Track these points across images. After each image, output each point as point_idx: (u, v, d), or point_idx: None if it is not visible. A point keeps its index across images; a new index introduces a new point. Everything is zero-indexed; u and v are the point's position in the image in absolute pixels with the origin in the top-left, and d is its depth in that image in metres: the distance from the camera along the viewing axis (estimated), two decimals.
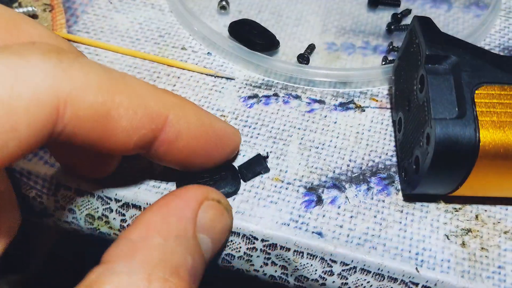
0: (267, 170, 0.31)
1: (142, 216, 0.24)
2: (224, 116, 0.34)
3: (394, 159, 0.33)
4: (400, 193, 0.31)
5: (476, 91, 0.26)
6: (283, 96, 0.36)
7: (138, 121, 0.23)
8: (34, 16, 0.40)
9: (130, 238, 0.23)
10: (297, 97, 0.36)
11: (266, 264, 0.30)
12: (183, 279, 0.22)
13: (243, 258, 0.30)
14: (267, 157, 0.31)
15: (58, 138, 0.21)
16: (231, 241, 0.30)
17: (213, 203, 0.26)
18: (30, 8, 0.40)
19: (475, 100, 0.26)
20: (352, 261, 0.28)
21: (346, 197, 0.31)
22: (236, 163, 0.31)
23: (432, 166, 0.26)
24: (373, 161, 0.33)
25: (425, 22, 0.30)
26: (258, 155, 0.31)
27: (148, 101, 0.24)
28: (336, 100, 0.36)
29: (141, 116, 0.23)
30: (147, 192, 0.30)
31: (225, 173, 0.30)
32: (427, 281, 0.28)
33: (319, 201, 0.30)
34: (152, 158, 0.27)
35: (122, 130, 0.23)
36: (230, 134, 0.29)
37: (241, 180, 0.31)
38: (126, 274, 0.21)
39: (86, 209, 0.31)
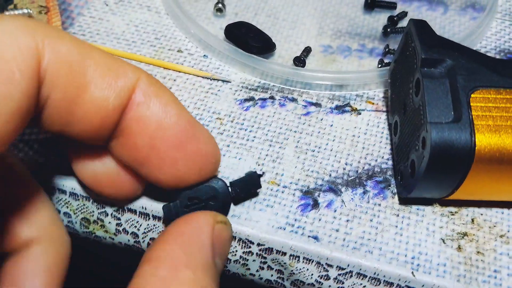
0: (259, 186, 0.29)
1: (162, 249, 0.24)
2: (220, 119, 0.34)
3: (390, 162, 0.33)
4: (396, 196, 0.31)
5: (472, 95, 0.26)
6: (279, 99, 0.36)
7: (112, 78, 0.23)
8: (29, 18, 0.40)
9: (159, 274, 0.22)
10: (293, 100, 0.36)
11: (262, 268, 0.30)
12: None
13: (239, 262, 0.30)
14: (262, 175, 0.29)
15: (41, 100, 0.22)
16: None
17: (222, 225, 0.26)
18: (25, 10, 0.39)
19: (471, 104, 0.26)
20: (348, 265, 0.28)
21: (342, 200, 0.31)
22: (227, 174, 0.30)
23: (428, 170, 0.26)
24: (369, 164, 0.33)
25: (420, 26, 0.29)
26: (254, 173, 0.29)
27: (119, 61, 0.24)
28: (332, 103, 0.36)
29: (114, 72, 0.23)
30: (141, 196, 0.30)
31: (214, 197, 0.27)
32: (423, 285, 0.28)
33: (315, 204, 0.30)
34: (120, 146, 0.25)
35: (97, 88, 0.23)
36: (209, 143, 0.26)
37: (233, 198, 0.28)
38: None
39: (82, 212, 0.31)
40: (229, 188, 0.28)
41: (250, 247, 0.29)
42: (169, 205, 0.27)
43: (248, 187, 0.29)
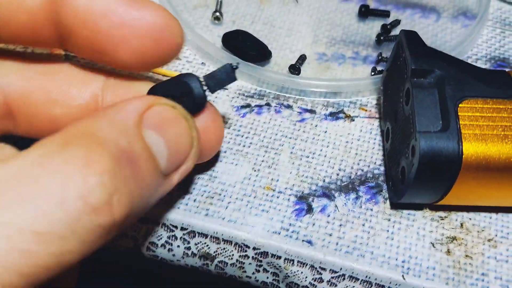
0: (234, 79, 0.27)
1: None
2: None
3: (383, 168, 0.34)
4: (388, 201, 0.32)
5: (460, 105, 0.27)
6: (275, 106, 0.37)
7: None
8: None
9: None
10: (289, 106, 0.37)
11: (258, 271, 0.31)
12: (107, 149, 0.20)
13: (236, 265, 0.31)
14: (237, 67, 0.27)
15: None
16: (224, 248, 0.31)
17: (165, 106, 0.24)
18: None
19: (459, 114, 0.27)
20: (341, 268, 0.29)
21: (336, 205, 0.32)
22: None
23: (417, 177, 0.27)
24: (362, 170, 0.33)
25: (411, 36, 0.30)
26: (228, 65, 0.27)
27: None
28: (327, 109, 0.37)
29: None
30: None
31: (187, 93, 0.26)
32: None
33: (310, 209, 0.31)
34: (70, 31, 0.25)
35: None
36: (161, 19, 0.24)
37: (207, 92, 0.26)
38: (43, 144, 0.19)
39: None
40: (202, 82, 0.26)
41: (246, 251, 0.30)
42: None
43: (222, 80, 0.27)
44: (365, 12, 0.43)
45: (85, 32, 0.24)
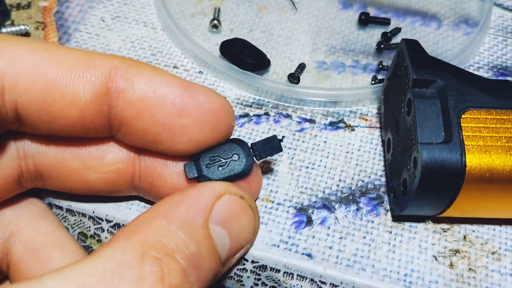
0: (280, 150, 0.28)
1: (156, 204, 0.24)
2: None
3: (383, 179, 0.33)
4: (389, 213, 0.31)
5: (463, 116, 0.27)
6: (274, 115, 0.36)
7: (80, 72, 0.23)
8: (26, 34, 0.40)
9: (136, 221, 0.23)
10: (288, 116, 0.36)
11: (257, 285, 0.30)
12: (177, 262, 0.21)
13: (234, 278, 0.30)
14: (282, 140, 0.28)
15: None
16: None
17: (234, 197, 0.25)
18: (22, 27, 0.40)
19: (462, 125, 0.27)
20: (342, 282, 0.29)
21: (336, 217, 0.31)
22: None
23: (419, 190, 0.26)
24: (363, 181, 0.33)
25: (412, 45, 0.30)
26: (274, 136, 0.28)
27: (89, 54, 0.24)
28: (326, 119, 0.36)
29: (82, 65, 0.24)
30: (138, 213, 0.30)
31: (237, 153, 0.27)
32: None
33: (309, 222, 0.31)
34: (119, 126, 0.25)
35: (64, 83, 0.23)
36: (211, 97, 0.25)
37: (255, 159, 0.28)
38: (121, 251, 0.21)
39: (79, 227, 0.32)
40: (251, 147, 0.28)
41: (244, 264, 0.30)
42: (191, 164, 0.27)
43: (269, 150, 0.28)
44: (365, 20, 0.42)
45: (141, 124, 0.24)
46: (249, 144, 0.28)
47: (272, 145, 0.28)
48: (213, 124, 0.25)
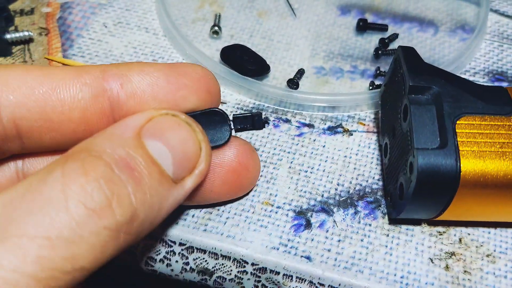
0: (261, 128, 0.29)
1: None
2: None
3: (381, 183, 0.34)
4: (386, 216, 0.32)
5: (458, 122, 0.28)
6: (273, 120, 0.37)
7: (74, 78, 0.24)
8: (30, 40, 0.41)
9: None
10: (287, 121, 0.37)
11: (257, 287, 0.31)
12: (101, 159, 0.21)
13: (234, 280, 0.31)
14: (267, 122, 0.29)
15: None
16: (222, 264, 0.31)
17: (165, 116, 0.25)
18: (26, 33, 0.40)
19: (457, 130, 0.27)
20: (340, 284, 0.29)
21: (334, 221, 0.32)
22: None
23: (415, 194, 0.27)
24: (360, 185, 0.34)
25: (408, 53, 0.31)
26: (258, 112, 0.29)
27: (81, 67, 0.25)
28: (325, 124, 0.37)
29: (75, 73, 0.25)
30: None
31: (218, 124, 0.28)
32: None
33: (308, 225, 0.31)
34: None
35: (61, 89, 0.24)
36: (202, 71, 0.27)
37: (232, 129, 0.28)
38: (46, 166, 0.21)
39: None
40: (230, 121, 0.28)
41: (244, 266, 0.30)
42: None
43: (248, 124, 0.29)
44: (363, 26, 0.43)
45: (147, 108, 0.26)
46: (231, 116, 0.28)
47: (254, 121, 0.29)
48: (206, 88, 0.27)
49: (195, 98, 0.27)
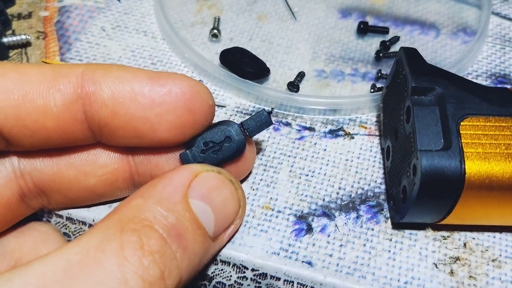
0: (270, 123, 0.29)
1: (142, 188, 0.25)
2: None
3: (383, 186, 0.33)
4: (389, 220, 0.31)
5: (462, 123, 0.27)
6: (273, 124, 0.36)
7: (49, 83, 0.24)
8: (27, 43, 0.41)
9: (117, 206, 0.24)
10: (288, 124, 0.36)
11: None
12: (155, 231, 0.22)
13: (234, 286, 0.30)
14: (271, 112, 0.29)
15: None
16: (222, 269, 0.30)
17: (211, 173, 0.25)
18: (23, 36, 0.40)
19: (461, 132, 0.27)
20: None
21: (336, 225, 0.31)
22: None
23: (419, 197, 0.26)
24: (362, 189, 0.33)
25: (411, 54, 0.30)
26: (262, 110, 0.29)
27: (57, 67, 0.25)
28: (326, 127, 0.36)
29: (50, 77, 0.24)
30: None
31: (228, 135, 0.28)
32: None
33: (309, 229, 0.31)
34: (104, 125, 0.25)
35: (35, 96, 0.24)
36: (182, 81, 0.25)
37: (247, 135, 0.28)
38: (101, 230, 0.22)
39: (80, 234, 0.32)
40: (242, 128, 0.28)
41: (244, 272, 0.30)
42: (186, 153, 0.27)
43: (259, 125, 0.28)
44: (364, 29, 0.43)
45: (118, 122, 0.25)
46: (239, 123, 0.28)
47: (261, 120, 0.28)
48: (187, 107, 0.25)
49: (173, 117, 0.25)
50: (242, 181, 0.33)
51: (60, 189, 0.28)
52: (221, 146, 0.28)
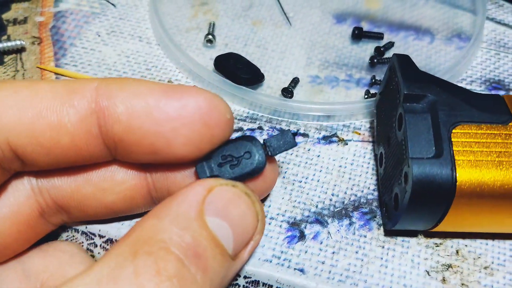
0: (295, 144, 0.27)
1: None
2: None
3: (376, 193, 0.33)
4: (382, 227, 0.31)
5: (453, 130, 0.27)
6: (267, 129, 0.36)
7: (62, 99, 0.24)
8: (22, 49, 0.41)
9: (131, 228, 0.23)
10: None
11: None
12: (171, 253, 0.21)
13: None
14: (296, 134, 0.28)
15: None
16: None
17: (225, 187, 0.24)
18: (18, 42, 0.40)
19: (452, 139, 0.27)
20: None
21: (329, 232, 0.31)
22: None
23: (410, 205, 0.26)
24: (355, 196, 0.33)
25: (403, 61, 0.30)
26: (287, 130, 0.28)
27: (71, 83, 0.24)
28: (320, 133, 0.36)
29: (64, 94, 0.24)
30: (130, 228, 0.30)
31: (248, 150, 0.26)
32: None
33: (302, 236, 0.31)
34: (119, 142, 0.25)
35: (49, 112, 0.23)
36: (199, 96, 0.24)
37: (268, 154, 0.27)
38: (115, 255, 0.21)
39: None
40: (264, 145, 0.27)
41: (236, 279, 0.29)
42: (202, 164, 0.26)
43: (282, 145, 0.27)
44: (358, 35, 0.43)
45: (133, 137, 0.24)
46: (262, 141, 0.27)
47: (285, 140, 0.27)
48: (204, 121, 0.24)
49: (188, 132, 0.24)
50: None
51: (79, 205, 0.28)
52: (240, 161, 0.26)
